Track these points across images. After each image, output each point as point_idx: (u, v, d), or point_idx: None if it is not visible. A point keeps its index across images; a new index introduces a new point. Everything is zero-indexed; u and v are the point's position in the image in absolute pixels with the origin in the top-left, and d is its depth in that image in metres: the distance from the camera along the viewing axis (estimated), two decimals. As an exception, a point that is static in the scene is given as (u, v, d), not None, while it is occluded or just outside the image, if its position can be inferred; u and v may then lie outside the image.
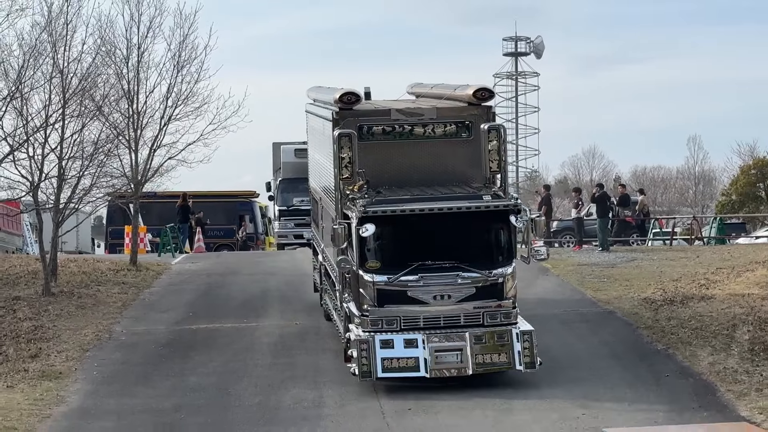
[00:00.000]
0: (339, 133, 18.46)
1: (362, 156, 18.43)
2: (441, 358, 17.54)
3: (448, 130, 19.26)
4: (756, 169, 66.83)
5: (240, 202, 47.56)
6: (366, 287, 17.77)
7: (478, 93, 19.22)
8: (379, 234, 17.74)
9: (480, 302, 17.84)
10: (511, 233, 18.22)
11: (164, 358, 20.30)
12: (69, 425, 16.39)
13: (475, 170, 19.06)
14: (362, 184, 18.26)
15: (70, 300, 24.83)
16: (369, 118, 19.29)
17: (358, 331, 17.75)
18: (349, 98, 19.05)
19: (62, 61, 26.24)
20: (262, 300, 25.97)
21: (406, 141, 19.23)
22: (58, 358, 20.14)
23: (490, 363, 17.64)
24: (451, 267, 17.87)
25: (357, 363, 17.39)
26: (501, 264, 18.10)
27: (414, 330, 17.67)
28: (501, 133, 18.88)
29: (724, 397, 17.24)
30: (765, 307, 21.59)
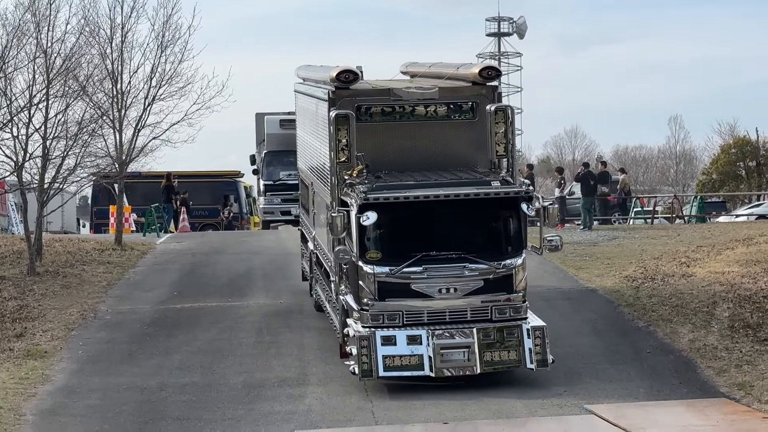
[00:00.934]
0: (336, 114, 17.17)
1: (360, 138, 17.16)
2: (447, 356, 16.35)
3: (452, 110, 18.08)
4: (736, 148, 66.93)
5: (224, 182, 47.49)
6: (366, 279, 16.55)
7: (484, 72, 18.01)
8: (380, 222, 16.45)
9: (488, 296, 16.65)
10: (520, 222, 17.05)
11: (149, 337, 20.28)
12: (54, 403, 16.37)
13: (480, 154, 17.95)
14: (362, 168, 17.07)
15: (55, 279, 24.77)
16: (367, 97, 18.00)
17: (358, 326, 16.53)
18: (346, 76, 17.64)
19: (46, 41, 26.21)
20: (246, 279, 25.95)
21: (406, 122, 18.06)
22: (44, 337, 20.09)
23: (498, 361, 16.49)
24: (458, 258, 16.67)
25: (357, 361, 16.22)
26: (510, 255, 16.91)
27: (417, 326, 16.50)
28: (508, 115, 17.67)
29: (703, 374, 17.32)
30: (745, 285, 21.68)
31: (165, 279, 26.00)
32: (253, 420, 15.41)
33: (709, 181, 67.17)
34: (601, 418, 14.74)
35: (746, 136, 67.13)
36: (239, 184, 48.54)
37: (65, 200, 36.83)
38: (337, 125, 17.12)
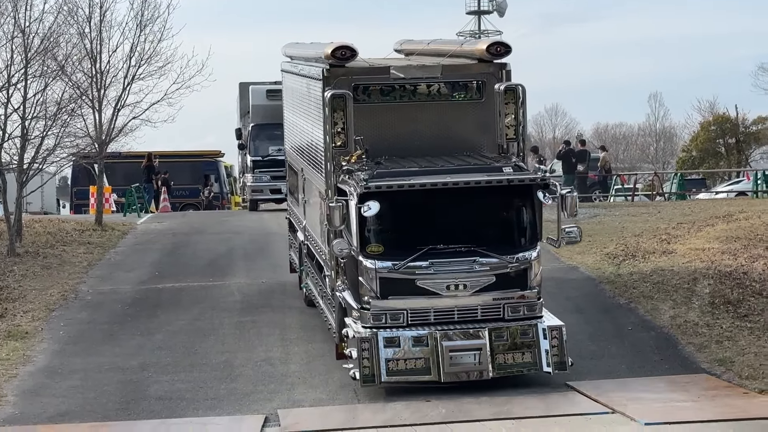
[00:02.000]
0: (332, 94, 15.82)
1: (357, 120, 15.85)
2: (456, 359, 14.89)
3: (457, 90, 16.68)
4: (716, 126, 67.12)
5: (205, 162, 47.48)
6: (367, 275, 15.04)
7: (492, 48, 16.54)
8: (382, 213, 14.95)
9: (500, 293, 15.22)
10: (535, 211, 15.63)
11: (130, 318, 20.23)
12: (35, 384, 16.32)
13: (487, 137, 16.61)
14: (361, 153, 15.73)
15: (36, 260, 24.70)
16: (364, 76, 16.50)
17: (358, 326, 15.11)
18: (342, 53, 16.16)
19: (24, 20, 26.18)
20: (227, 259, 25.92)
21: (407, 103, 16.59)
22: (24, 318, 20.02)
23: (512, 364, 15.10)
24: (467, 251, 15.19)
25: (358, 365, 14.79)
26: (524, 248, 15.48)
27: (423, 326, 15.07)
28: (519, 95, 16.40)
29: (684, 350, 17.39)
30: (725, 261, 21.75)
31: (146, 259, 25.94)
32: (236, 399, 15.40)
33: (689, 158, 67.39)
34: (582, 395, 14.79)
35: (726, 113, 67.33)
36: (220, 164, 48.51)
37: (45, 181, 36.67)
38: (332, 107, 15.83)
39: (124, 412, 15.02)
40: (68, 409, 15.16)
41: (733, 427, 13.13)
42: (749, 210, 28.15)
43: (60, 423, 14.55)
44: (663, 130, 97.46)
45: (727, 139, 66.06)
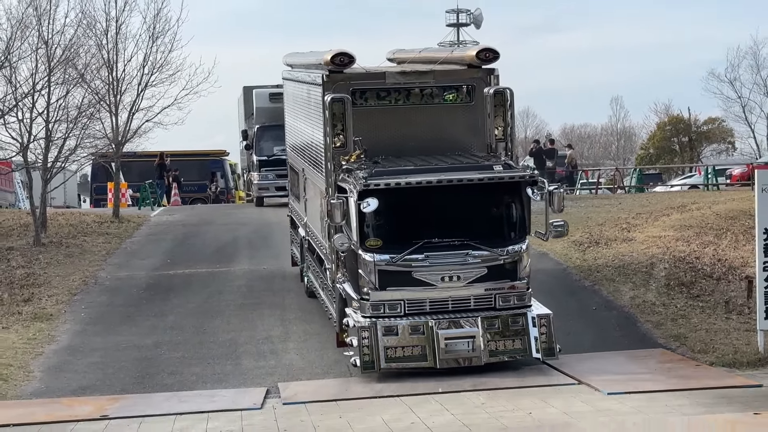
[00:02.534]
0: (331, 98, 15.44)
1: (354, 123, 15.50)
2: (450, 346, 14.55)
3: (448, 94, 16.22)
4: (671, 126, 67.31)
5: (212, 160, 47.41)
6: (366, 268, 14.68)
7: (482, 54, 16.03)
8: (380, 209, 14.54)
9: (492, 283, 14.84)
10: (524, 207, 15.22)
11: (145, 301, 20.20)
12: (59, 361, 16.29)
13: (476, 138, 16.21)
14: (359, 153, 15.40)
15: (59, 249, 24.64)
16: (362, 81, 16.11)
17: (357, 316, 14.74)
18: (341, 59, 15.76)
19: (47, 33, 26.13)
20: (233, 247, 25.87)
21: (402, 107, 16.17)
22: (49, 301, 19.98)
23: (503, 351, 14.75)
24: (460, 245, 14.82)
25: (358, 352, 14.44)
26: (514, 241, 15.09)
27: (419, 315, 14.72)
28: (507, 98, 15.98)
29: (643, 327, 17.42)
30: (679, 247, 21.79)
31: (159, 248, 25.89)
32: (240, 374, 15.39)
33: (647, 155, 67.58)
34: (552, 368, 14.81)
35: (680, 114, 67.54)
36: (225, 162, 48.48)
37: (67, 178, 36.73)
38: (332, 110, 15.44)
39: (140, 386, 15.01)
40: (89, 384, 15.15)
41: (686, 396, 13.16)
42: (700, 201, 28.19)
43: (82, 396, 14.53)
44: (623, 130, 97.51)
45: (680, 137, 66.25)
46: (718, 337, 16.52)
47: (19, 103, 25.42)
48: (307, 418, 12.79)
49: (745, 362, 15.10)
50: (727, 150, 68.07)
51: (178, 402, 13.92)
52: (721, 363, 15.19)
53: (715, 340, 16.36)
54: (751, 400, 12.91)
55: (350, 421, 12.45)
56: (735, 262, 20.64)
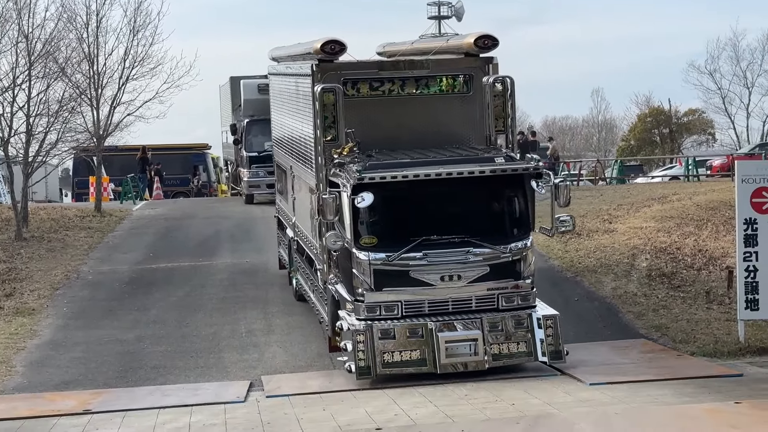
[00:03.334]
0: (322, 88, 14.47)
1: (346, 115, 14.54)
2: (452, 349, 13.65)
3: (445, 84, 15.30)
4: (651, 117, 67.55)
5: (194, 154, 47.25)
6: (360, 267, 13.75)
7: (480, 41, 15.03)
8: (376, 204, 13.59)
9: (494, 283, 13.93)
10: (527, 201, 14.33)
11: (127, 295, 20.13)
12: (42, 356, 16.21)
13: (474, 131, 15.26)
14: (352, 146, 14.37)
15: (41, 244, 24.54)
16: (354, 71, 15.14)
17: (352, 318, 13.82)
18: (332, 47, 14.73)
19: (27, 27, 26.07)
20: (215, 241, 25.82)
21: (396, 98, 15.22)
22: (31, 296, 19.89)
23: (507, 354, 13.86)
24: (461, 242, 13.88)
25: (353, 357, 13.57)
26: (517, 237, 14.17)
27: (418, 317, 13.83)
28: (508, 87, 15.03)
29: (625, 318, 17.48)
30: (660, 238, 21.86)
31: (141, 242, 25.80)
32: (223, 367, 15.36)
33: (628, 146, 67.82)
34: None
35: (660, 106, 67.79)
36: (207, 156, 48.38)
37: (48, 172, 36.66)
38: (323, 101, 14.45)
39: (123, 380, 14.96)
40: (71, 378, 15.08)
41: (668, 386, 13.21)
42: (681, 192, 28.30)
43: (64, 390, 14.47)
44: (604, 122, 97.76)
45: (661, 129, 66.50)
46: (699, 328, 16.59)
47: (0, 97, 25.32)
48: (290, 410, 12.78)
49: (726, 352, 15.18)
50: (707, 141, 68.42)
51: (161, 396, 13.88)
52: (702, 353, 15.26)
53: (696, 330, 16.43)
54: (732, 389, 12.98)
55: (333, 414, 12.45)
56: (715, 253, 20.73)
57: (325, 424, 12.09)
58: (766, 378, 13.68)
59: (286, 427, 12.08)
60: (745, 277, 15.35)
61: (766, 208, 15.32)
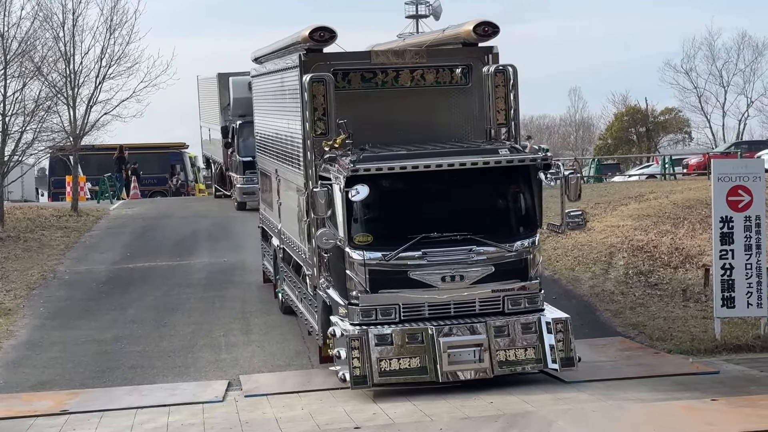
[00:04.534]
0: (311, 77, 13.32)
1: (336, 109, 13.45)
2: (455, 356, 12.56)
3: (441, 76, 14.26)
4: (628, 116, 67.80)
5: (171, 153, 47.14)
6: (354, 268, 12.68)
7: (479, 28, 13.92)
8: (370, 199, 12.51)
9: (499, 284, 12.89)
10: (534, 196, 13.32)
11: (105, 295, 20.05)
12: (18, 356, 16.12)
13: (474, 125, 14.26)
14: (345, 137, 13.15)
15: (17, 244, 24.41)
16: (344, 62, 14.02)
17: (345, 324, 12.75)
18: (321, 35, 13.57)
19: (2, 26, 26.10)
20: (192, 240, 25.76)
21: (390, 90, 14.16)
22: (7, 296, 19.77)
23: (515, 361, 12.79)
24: (463, 240, 12.79)
25: (347, 365, 12.49)
26: (523, 235, 13.14)
27: (417, 321, 12.72)
28: (510, 76, 13.88)
29: (602, 316, 17.53)
30: (637, 237, 21.95)
31: (118, 241, 25.72)
32: (201, 367, 15.32)
33: (605, 145, 68.03)
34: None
35: (637, 105, 68.06)
36: (185, 155, 48.28)
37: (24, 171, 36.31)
38: (311, 91, 13.28)
39: (100, 380, 14.88)
40: (48, 378, 15.00)
41: (645, 384, 13.25)
42: (658, 191, 28.42)
43: (41, 391, 14.38)
44: (582, 121, 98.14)
45: (638, 128, 66.76)
46: (676, 325, 16.67)
47: (-25, 97, 25.20)
48: (269, 410, 12.75)
49: (703, 349, 15.25)
50: (683, 140, 68.75)
51: (139, 396, 13.82)
52: (679, 350, 15.33)
53: (672, 328, 16.51)
54: (708, 386, 13.04)
55: (312, 413, 12.44)
56: (692, 251, 20.83)
57: (304, 423, 12.08)
58: (742, 375, 13.76)
59: (265, 426, 12.06)
60: (722, 275, 15.44)
61: (741, 206, 15.40)
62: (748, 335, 15.65)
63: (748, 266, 15.35)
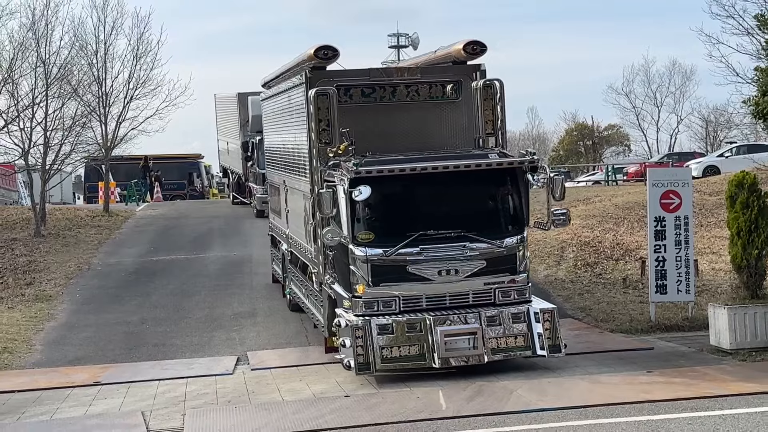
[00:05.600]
0: (316, 91, 12.76)
1: (339, 122, 12.87)
2: (451, 344, 11.97)
3: (434, 91, 13.68)
4: (577, 131, 67.99)
5: (189, 163, 47.07)
6: (357, 263, 12.14)
7: (469, 47, 13.38)
8: (372, 200, 12.08)
9: (491, 277, 12.32)
10: (521, 196, 12.67)
11: (132, 283, 19.97)
12: (58, 335, 16.05)
13: (464, 136, 13.65)
14: (347, 144, 12.59)
15: (57, 240, 24.31)
16: (345, 78, 13.50)
17: (350, 315, 12.17)
18: (325, 53, 13.01)
19: (44, 53, 26.03)
20: (207, 237, 25.68)
21: (387, 104, 13.61)
22: (48, 285, 19.69)
23: (505, 348, 12.18)
24: (457, 237, 12.26)
25: (352, 353, 11.92)
26: (513, 232, 12.56)
27: (416, 312, 12.14)
28: (497, 90, 13.29)
29: (555, 300, 17.49)
30: (585, 234, 22.02)
31: (144, 238, 25.62)
32: (214, 345, 15.28)
33: (558, 156, 68.18)
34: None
35: (584, 122, 68.25)
36: (200, 164, 48.29)
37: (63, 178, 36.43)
38: (317, 104, 12.72)
39: (128, 356, 14.83)
40: (84, 355, 14.95)
41: (592, 358, 13.28)
42: (602, 195, 28.51)
43: (77, 365, 14.33)
44: (538, 135, 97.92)
45: (585, 141, 66.96)
46: (617, 309, 16.72)
47: (21, 114, 25.26)
48: (272, 381, 12.73)
49: (640, 329, 15.31)
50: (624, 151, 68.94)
51: (161, 369, 13.78)
52: (620, 330, 15.38)
53: (614, 311, 16.56)
54: (645, 360, 13.09)
55: (309, 383, 12.42)
56: (631, 246, 20.90)
57: (302, 392, 12.07)
58: (673, 351, 13.82)
59: (269, 395, 12.05)
60: (656, 266, 15.50)
61: (672, 207, 15.46)
62: (678, 317, 15.71)
63: (678, 259, 15.41)
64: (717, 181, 28.42)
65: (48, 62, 25.75)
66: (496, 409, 10.67)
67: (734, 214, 13.86)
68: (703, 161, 36.97)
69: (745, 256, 13.72)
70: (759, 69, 13.99)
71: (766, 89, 13.59)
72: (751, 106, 14.03)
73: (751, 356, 13.03)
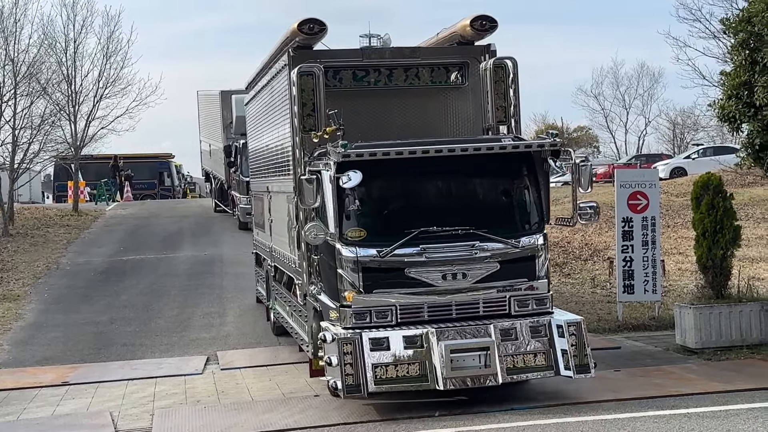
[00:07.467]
0: (299, 69, 10.62)
1: (327, 107, 10.64)
2: (458, 361, 9.83)
3: (436, 75, 11.75)
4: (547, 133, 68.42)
5: (159, 162, 46.88)
6: (346, 266, 10.03)
7: (477, 23, 11.29)
8: (364, 191, 10.05)
9: (505, 283, 10.28)
10: (541, 187, 10.72)
11: (101, 283, 19.83)
12: (26, 335, 15.89)
13: (471, 124, 11.71)
14: (335, 129, 10.34)
15: (25, 239, 24.09)
16: (335, 60, 11.44)
17: (337, 328, 10.03)
18: (311, 27, 10.81)
19: (13, 51, 25.88)
20: (178, 236, 25.56)
21: (383, 89, 11.62)
22: (16, 284, 19.50)
23: (524, 368, 10.05)
24: (465, 234, 10.15)
25: (339, 373, 9.73)
26: (530, 230, 10.56)
27: (416, 323, 10.05)
28: (509, 71, 11.23)
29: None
30: (554, 234, 22.11)
31: (113, 237, 25.46)
32: (184, 344, 15.20)
33: (528, 157, 68.40)
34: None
35: (554, 123, 68.60)
36: (171, 164, 48.17)
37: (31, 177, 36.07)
38: (300, 85, 10.59)
39: (97, 356, 14.71)
40: (52, 355, 14.80)
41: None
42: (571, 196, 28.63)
43: (45, 365, 14.19)
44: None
45: (555, 142, 67.23)
46: (586, 308, 16.82)
47: (-12, 113, 24.97)
48: (241, 381, 12.68)
49: (608, 328, 15.41)
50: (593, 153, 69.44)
51: (130, 369, 13.68)
52: (588, 329, 15.37)
53: (583, 311, 16.63)
54: (612, 359, 13.18)
55: (279, 384, 12.39)
56: (599, 246, 21.05)
57: (272, 392, 12.03)
58: (639, 350, 13.92)
59: (238, 395, 12.00)
60: (623, 266, 15.60)
61: (640, 208, 15.57)
62: (644, 316, 15.83)
63: (645, 259, 15.53)
64: (684, 183, 28.70)
65: (17, 60, 25.60)
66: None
67: (700, 215, 13.99)
68: (671, 163, 37.33)
69: (711, 257, 13.86)
70: (724, 73, 14.11)
71: (732, 93, 13.71)
72: (717, 110, 14.13)
73: (716, 355, 13.16)
